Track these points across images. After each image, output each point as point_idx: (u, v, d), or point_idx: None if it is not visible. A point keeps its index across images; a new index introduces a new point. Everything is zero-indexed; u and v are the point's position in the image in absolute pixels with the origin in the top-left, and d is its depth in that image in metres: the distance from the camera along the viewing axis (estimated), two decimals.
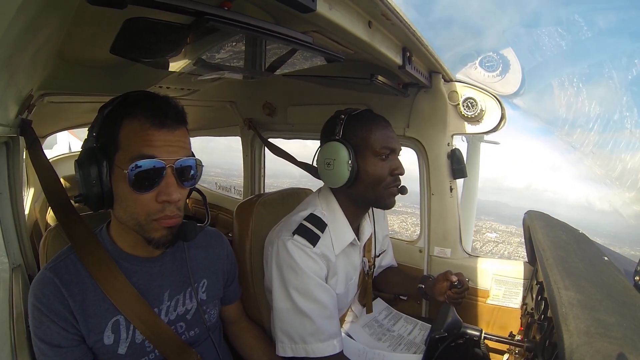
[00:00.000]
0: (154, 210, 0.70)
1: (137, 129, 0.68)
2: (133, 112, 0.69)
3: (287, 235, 0.98)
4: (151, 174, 0.68)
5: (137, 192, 0.68)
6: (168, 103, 0.72)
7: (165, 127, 0.69)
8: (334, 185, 1.04)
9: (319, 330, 0.93)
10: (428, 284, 1.20)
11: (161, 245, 0.73)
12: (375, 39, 0.84)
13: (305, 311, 0.93)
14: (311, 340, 0.92)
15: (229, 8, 0.55)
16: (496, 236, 17.89)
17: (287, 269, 0.95)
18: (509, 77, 1.35)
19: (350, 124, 1.02)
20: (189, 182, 0.73)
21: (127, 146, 0.68)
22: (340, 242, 1.04)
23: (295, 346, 0.94)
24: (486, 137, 2.74)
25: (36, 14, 0.48)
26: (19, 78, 0.72)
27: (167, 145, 0.69)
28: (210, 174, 7.39)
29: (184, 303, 0.85)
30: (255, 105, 1.89)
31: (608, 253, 0.90)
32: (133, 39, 0.68)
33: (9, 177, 0.97)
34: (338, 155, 0.99)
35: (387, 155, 1.01)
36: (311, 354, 0.92)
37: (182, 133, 0.73)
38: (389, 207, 1.06)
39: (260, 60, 0.93)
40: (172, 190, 0.69)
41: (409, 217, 15.14)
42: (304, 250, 0.96)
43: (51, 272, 0.72)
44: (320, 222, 1.02)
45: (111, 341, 0.74)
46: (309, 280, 0.94)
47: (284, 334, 0.95)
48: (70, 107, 1.64)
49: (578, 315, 0.56)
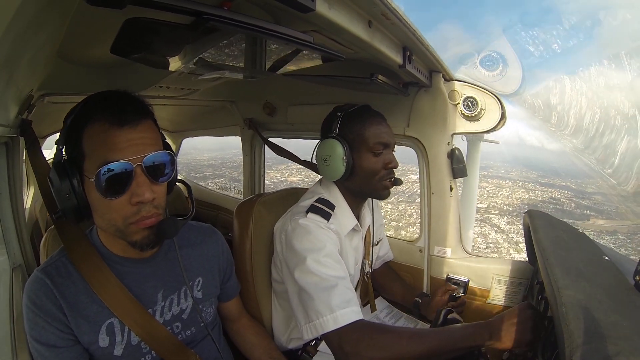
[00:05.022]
0: (129, 214, 0.68)
1: (98, 132, 0.65)
2: (93, 116, 0.66)
3: (299, 215, 1.02)
4: (120, 177, 0.65)
5: (109, 198, 0.66)
6: (124, 98, 0.69)
7: (126, 124, 0.66)
8: (331, 179, 1.10)
9: (342, 294, 0.89)
10: (423, 304, 1.26)
11: (145, 247, 0.71)
12: (376, 39, 0.83)
13: (327, 278, 0.91)
14: (337, 306, 0.87)
15: (228, 8, 0.54)
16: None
17: (303, 242, 0.96)
18: (509, 75, 1.34)
19: (347, 121, 1.07)
20: (163, 177, 0.71)
21: (92, 153, 0.66)
22: (345, 226, 1.10)
23: (322, 319, 0.87)
24: (486, 136, 2.74)
25: (36, 14, 0.48)
26: (19, 78, 0.72)
27: (131, 144, 0.66)
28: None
29: (178, 302, 0.84)
30: (256, 105, 1.89)
31: (608, 252, 0.90)
32: (133, 39, 0.68)
33: (8, 177, 0.97)
34: (334, 151, 1.05)
35: (381, 150, 1.06)
36: (340, 321, 0.86)
37: (146, 127, 0.69)
38: (384, 198, 1.12)
39: (260, 60, 0.92)
40: (144, 190, 0.67)
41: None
42: (318, 224, 1.00)
43: (43, 274, 0.72)
44: (329, 203, 1.07)
45: (106, 343, 0.74)
46: (325, 248, 0.95)
47: (312, 311, 0.89)
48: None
49: (578, 315, 0.56)
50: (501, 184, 17.76)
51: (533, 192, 17.87)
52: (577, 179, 17.81)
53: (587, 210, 16.23)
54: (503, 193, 17.24)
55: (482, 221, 14.62)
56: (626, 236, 13.75)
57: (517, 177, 18.90)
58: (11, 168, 0.97)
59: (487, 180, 16.64)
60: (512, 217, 15.36)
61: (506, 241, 13.72)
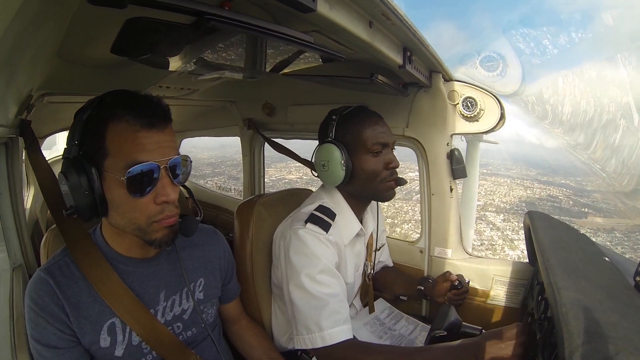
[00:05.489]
0: (153, 213, 0.70)
1: (126, 131, 0.66)
2: (118, 114, 0.67)
3: (299, 224, 1.00)
4: (149, 177, 0.67)
5: (136, 197, 0.67)
6: (153, 102, 0.70)
7: (155, 127, 0.68)
8: (331, 185, 1.08)
9: (332, 314, 0.91)
10: (427, 286, 1.22)
11: (163, 245, 0.73)
12: (376, 39, 0.83)
13: (319, 296, 0.92)
14: (326, 326, 0.90)
15: (229, 8, 0.54)
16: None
17: (300, 257, 0.95)
18: (508, 76, 1.35)
19: (342, 124, 1.05)
20: (179, 178, 0.73)
21: (118, 151, 0.66)
22: (349, 232, 1.08)
23: (311, 336, 0.91)
24: (485, 137, 2.75)
25: (36, 14, 0.48)
26: (18, 78, 0.72)
27: (159, 146, 0.69)
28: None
29: (180, 303, 0.84)
30: (255, 105, 1.89)
31: (608, 253, 0.90)
32: (133, 38, 0.68)
33: (8, 177, 0.97)
34: (332, 156, 1.02)
35: (379, 150, 1.03)
36: (327, 340, 0.90)
37: (170, 131, 0.72)
38: (388, 199, 1.09)
39: (260, 60, 0.93)
40: (169, 191, 0.70)
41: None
42: (316, 237, 0.97)
43: (45, 274, 0.72)
44: (329, 212, 1.04)
45: (107, 344, 0.74)
46: (320, 264, 0.94)
47: (301, 326, 0.93)
48: (70, 107, 1.63)
49: (578, 315, 0.56)
50: (499, 181, 17.78)
51: (531, 190, 17.89)
52: (577, 177, 17.84)
53: (585, 208, 16.30)
54: (501, 190, 17.28)
55: (478, 218, 14.64)
56: (623, 234, 13.88)
57: (516, 175, 18.94)
58: (11, 168, 0.97)
59: (484, 178, 16.64)
60: (508, 215, 15.42)
61: (501, 238, 13.83)
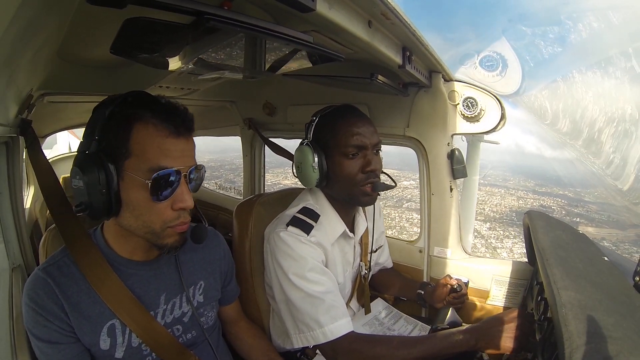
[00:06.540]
0: (170, 218, 0.71)
1: (153, 135, 0.68)
2: (144, 117, 0.68)
3: (281, 227, 0.99)
4: (171, 183, 0.69)
5: (156, 201, 0.68)
6: (181, 110, 0.72)
7: (182, 135, 0.71)
8: (307, 187, 1.08)
9: (329, 309, 0.91)
10: (427, 291, 1.23)
11: (172, 250, 0.74)
12: (375, 39, 0.83)
13: (312, 294, 0.92)
14: (325, 322, 0.90)
15: (229, 8, 0.54)
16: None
17: (285, 258, 0.95)
18: (509, 76, 1.34)
19: (320, 125, 1.03)
20: (192, 185, 0.75)
21: (143, 154, 0.67)
22: (333, 233, 1.06)
23: (313, 333, 0.91)
24: (486, 137, 2.75)
25: (36, 14, 0.48)
26: (19, 78, 0.72)
27: (182, 155, 0.71)
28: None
29: (180, 306, 0.84)
30: (255, 105, 1.89)
31: (608, 253, 0.90)
32: (133, 38, 0.68)
33: (8, 177, 0.97)
34: (304, 158, 1.01)
35: (355, 152, 0.99)
36: (329, 336, 0.90)
37: (192, 141, 0.75)
38: (366, 205, 1.07)
39: (260, 60, 0.92)
40: (187, 198, 0.71)
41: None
42: (297, 239, 0.97)
43: (45, 273, 0.72)
44: (313, 213, 1.03)
45: (107, 346, 0.74)
46: (307, 264, 0.94)
47: (301, 324, 0.93)
48: (70, 107, 1.64)
49: (578, 316, 0.56)
50: (493, 191, 18.07)
51: (524, 200, 18.21)
52: (577, 187, 18.11)
53: (577, 217, 16.73)
54: (493, 200, 17.55)
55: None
56: (612, 243, 14.27)
57: (512, 186, 19.33)
58: (11, 168, 0.97)
59: (479, 187, 17.04)
60: (494, 224, 15.92)
61: (484, 246, 14.33)
